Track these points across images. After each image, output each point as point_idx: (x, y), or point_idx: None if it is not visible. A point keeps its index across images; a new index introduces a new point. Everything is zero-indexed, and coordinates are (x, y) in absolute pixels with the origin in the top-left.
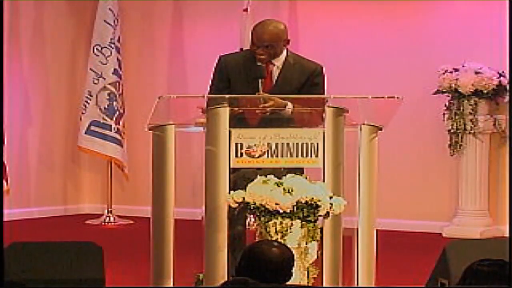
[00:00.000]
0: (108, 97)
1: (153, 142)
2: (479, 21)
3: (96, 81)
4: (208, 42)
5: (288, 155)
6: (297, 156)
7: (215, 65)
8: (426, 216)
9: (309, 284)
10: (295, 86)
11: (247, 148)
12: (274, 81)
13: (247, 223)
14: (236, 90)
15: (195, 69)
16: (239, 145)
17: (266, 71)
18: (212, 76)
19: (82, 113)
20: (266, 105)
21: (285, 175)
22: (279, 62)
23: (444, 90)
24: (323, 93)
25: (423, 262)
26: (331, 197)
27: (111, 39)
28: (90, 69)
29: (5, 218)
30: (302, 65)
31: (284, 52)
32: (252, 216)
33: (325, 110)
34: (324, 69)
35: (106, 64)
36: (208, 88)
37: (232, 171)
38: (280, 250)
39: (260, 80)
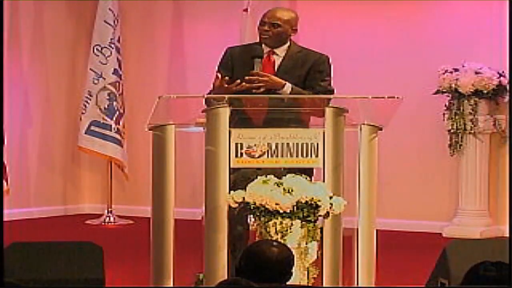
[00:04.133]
0: (108, 97)
1: (153, 142)
2: (479, 21)
3: (96, 81)
4: (208, 42)
5: (288, 155)
6: (297, 156)
7: (222, 55)
8: (426, 216)
9: (309, 284)
10: (298, 74)
11: (247, 148)
12: (276, 70)
13: (249, 224)
14: (238, 77)
15: (195, 69)
16: (239, 145)
17: (268, 60)
18: (218, 65)
19: (82, 113)
20: (261, 78)
21: (285, 175)
22: (281, 51)
23: (444, 90)
24: (329, 80)
25: (423, 262)
26: (331, 197)
27: (111, 39)
28: (90, 69)
29: (5, 218)
30: (306, 54)
31: (288, 43)
32: (252, 216)
33: (325, 110)
34: (330, 59)
35: (106, 64)
36: (214, 77)
37: (232, 171)
38: (279, 249)
39: (256, 60)
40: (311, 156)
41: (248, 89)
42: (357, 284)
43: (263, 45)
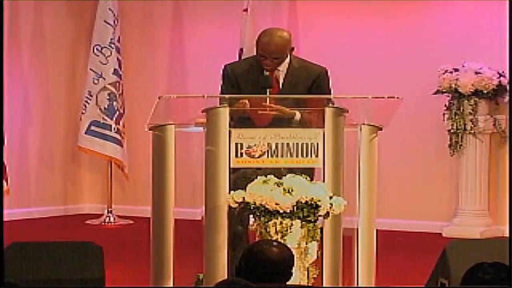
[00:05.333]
0: (108, 97)
1: (153, 142)
2: (479, 21)
3: (96, 81)
4: (208, 42)
5: (288, 155)
6: (297, 156)
7: (221, 74)
8: (426, 216)
9: (309, 284)
10: (301, 90)
11: (247, 148)
12: (280, 86)
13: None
14: (246, 93)
15: (195, 69)
16: (239, 145)
17: (273, 78)
18: (220, 86)
19: (82, 113)
20: (273, 111)
21: (285, 175)
22: (283, 66)
23: (444, 90)
24: (329, 94)
25: (423, 262)
26: (331, 197)
27: (111, 39)
28: (90, 69)
29: (5, 218)
30: (306, 68)
31: (287, 57)
32: (252, 216)
33: (325, 110)
34: (328, 71)
35: (106, 64)
36: (220, 89)
37: (232, 171)
38: (279, 249)
39: (268, 90)
40: (311, 156)
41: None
42: (357, 284)
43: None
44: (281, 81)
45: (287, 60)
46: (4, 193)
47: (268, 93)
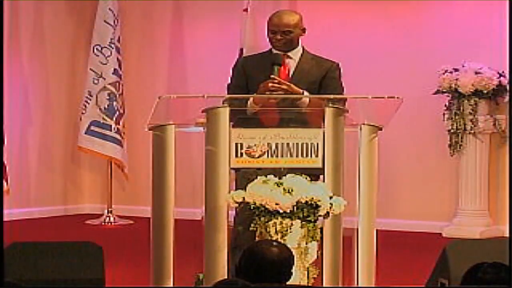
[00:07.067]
0: (108, 97)
1: (153, 142)
2: (479, 21)
3: (96, 81)
4: (208, 42)
5: (288, 155)
6: (297, 156)
7: (233, 65)
8: (426, 216)
9: (309, 284)
10: (312, 80)
11: (247, 148)
12: (291, 74)
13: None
14: (255, 85)
15: (195, 69)
16: (239, 145)
17: (283, 61)
18: (231, 75)
19: (82, 113)
20: (282, 86)
21: (285, 175)
22: (295, 55)
23: (444, 90)
24: (340, 86)
25: (423, 262)
26: (331, 197)
27: (111, 39)
28: (90, 69)
29: (5, 218)
30: (319, 61)
31: (300, 47)
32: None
33: (325, 110)
34: (340, 65)
35: (106, 64)
36: (226, 87)
37: (236, 170)
38: (279, 249)
39: (276, 67)
40: (311, 156)
41: (267, 93)
42: (357, 284)
43: (273, 50)
44: (291, 69)
45: (300, 49)
46: (4, 193)
47: (276, 70)
